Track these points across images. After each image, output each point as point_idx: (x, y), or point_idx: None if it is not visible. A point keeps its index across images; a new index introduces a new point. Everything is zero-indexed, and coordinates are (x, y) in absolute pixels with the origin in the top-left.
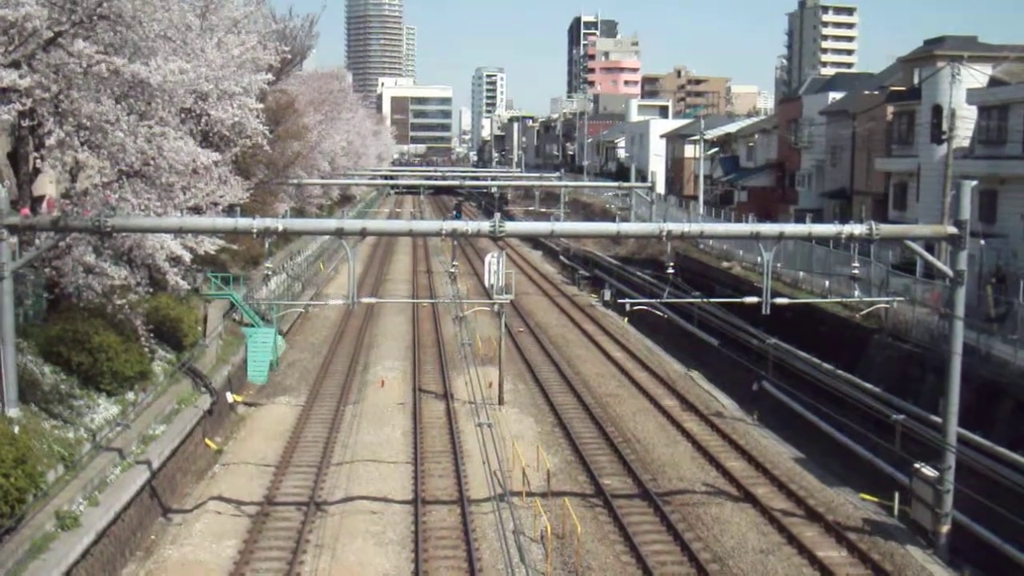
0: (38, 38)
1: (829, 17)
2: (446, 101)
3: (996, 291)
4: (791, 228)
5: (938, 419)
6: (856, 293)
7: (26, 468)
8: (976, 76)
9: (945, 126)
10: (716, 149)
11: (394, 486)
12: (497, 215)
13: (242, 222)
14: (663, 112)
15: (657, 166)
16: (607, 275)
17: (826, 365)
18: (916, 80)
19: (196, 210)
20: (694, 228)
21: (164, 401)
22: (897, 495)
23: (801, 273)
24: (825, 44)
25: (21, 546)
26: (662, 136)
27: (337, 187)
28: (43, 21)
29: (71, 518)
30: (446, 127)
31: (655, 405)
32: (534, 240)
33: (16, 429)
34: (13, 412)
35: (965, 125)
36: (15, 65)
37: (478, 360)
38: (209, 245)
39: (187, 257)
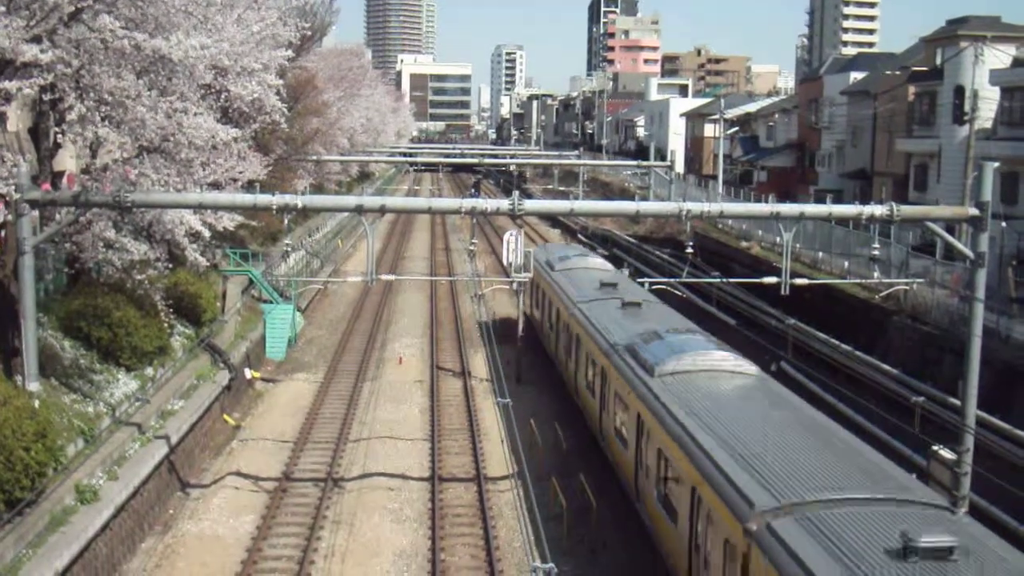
0: (59, 12)
1: None
2: (465, 79)
3: (1016, 273)
4: (811, 209)
5: (957, 401)
6: (876, 274)
7: (46, 442)
8: (999, 57)
9: (967, 107)
10: (736, 129)
11: (411, 463)
12: (516, 193)
13: (261, 198)
14: (683, 91)
15: (676, 145)
16: (625, 254)
17: (845, 346)
18: (938, 60)
19: (215, 186)
20: (713, 208)
21: (183, 376)
22: (915, 477)
23: (820, 254)
24: (847, 23)
25: (41, 519)
26: (682, 115)
27: (356, 164)
28: None
29: (91, 492)
30: (465, 104)
31: None
32: (552, 219)
33: (36, 403)
34: (33, 386)
35: (987, 106)
36: (36, 40)
37: (496, 338)
38: (228, 221)
39: (206, 233)
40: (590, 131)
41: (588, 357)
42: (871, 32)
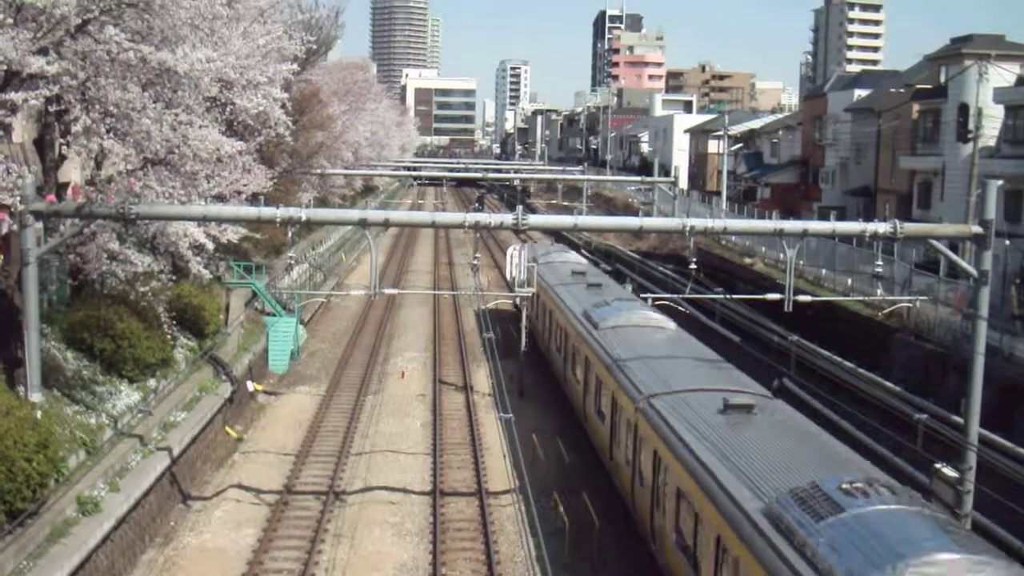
0: (66, 24)
1: (855, 14)
2: (470, 93)
3: (1020, 291)
4: (815, 225)
5: (959, 419)
6: (879, 292)
7: (48, 453)
8: (1003, 75)
9: (971, 125)
10: (740, 145)
11: (413, 477)
12: (519, 208)
13: (265, 211)
14: (687, 107)
15: (680, 161)
16: (629, 269)
17: (848, 363)
18: (943, 78)
19: (220, 198)
20: (717, 224)
21: (185, 388)
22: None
23: (824, 271)
24: (851, 41)
25: (42, 531)
26: (686, 131)
27: (360, 177)
28: (72, 8)
29: (92, 503)
30: (469, 119)
31: None
32: (556, 234)
33: (39, 414)
34: (36, 397)
35: (991, 124)
36: (43, 52)
37: (499, 353)
38: (232, 234)
39: (210, 245)
40: (594, 146)
41: (558, 324)
42: (875, 50)
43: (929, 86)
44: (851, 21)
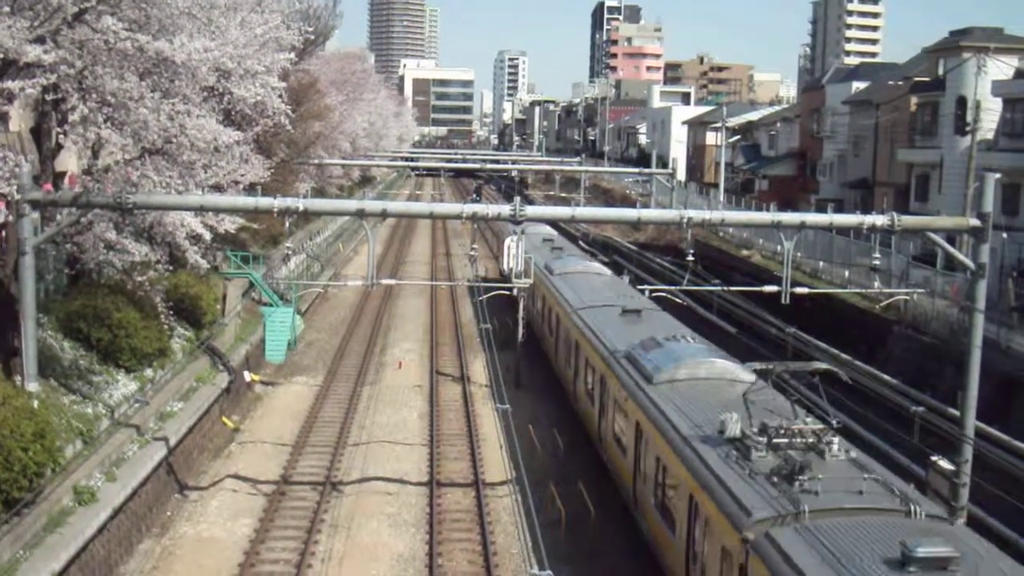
0: (63, 13)
1: (854, 6)
2: (468, 84)
3: (1017, 285)
4: (812, 217)
5: (956, 412)
6: (876, 284)
7: (45, 443)
8: (1002, 68)
9: (969, 118)
10: (738, 137)
11: (410, 468)
12: (517, 199)
13: (263, 201)
14: (685, 99)
15: (678, 153)
16: (626, 261)
17: (844, 356)
18: (941, 71)
19: (217, 188)
20: (715, 216)
21: (182, 378)
22: (913, 487)
23: (821, 263)
24: (849, 33)
25: (39, 520)
26: (684, 123)
27: (358, 168)
28: None
29: (88, 493)
30: (467, 110)
31: None
32: (553, 225)
33: (35, 404)
34: (33, 387)
35: (990, 117)
36: (40, 40)
37: (496, 343)
38: (229, 224)
39: (207, 235)
40: (592, 138)
41: (537, 282)
42: (874, 42)
43: (927, 79)
44: (850, 13)
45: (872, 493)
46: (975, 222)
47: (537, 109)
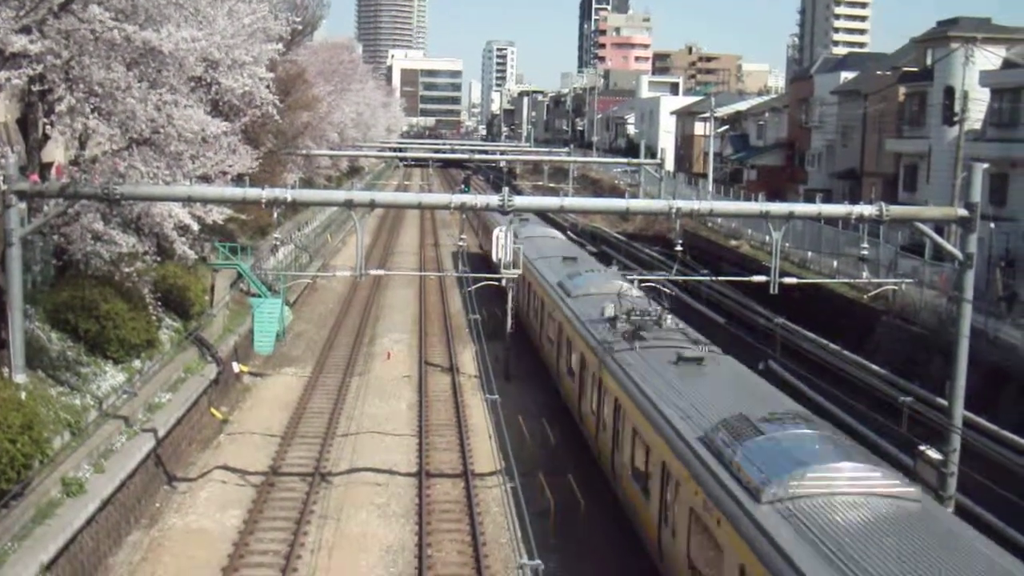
0: (49, 3)
1: None
2: (456, 74)
3: (1005, 275)
4: (801, 208)
5: (944, 402)
6: (864, 274)
7: (32, 434)
8: (989, 58)
9: (957, 108)
10: (726, 127)
11: (399, 458)
12: (506, 189)
13: (251, 192)
14: (674, 89)
15: (667, 143)
16: (615, 251)
17: (833, 346)
18: (929, 61)
19: (205, 179)
20: (703, 206)
21: (170, 370)
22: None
23: (810, 253)
24: (838, 23)
25: (27, 512)
26: (672, 113)
27: (346, 158)
28: None
29: (77, 485)
30: (456, 100)
31: None
32: (542, 215)
33: (23, 395)
34: (20, 378)
35: (977, 107)
36: (26, 30)
37: (484, 334)
38: (217, 214)
39: (195, 226)
40: (581, 128)
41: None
42: (862, 32)
43: (915, 69)
44: (838, 3)
45: (678, 339)
46: (963, 212)
47: (525, 99)
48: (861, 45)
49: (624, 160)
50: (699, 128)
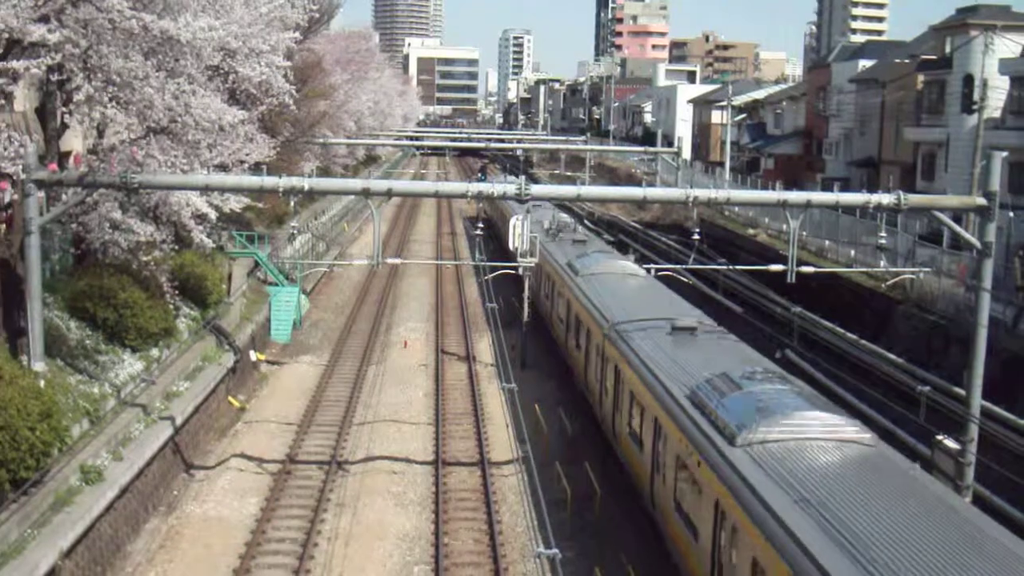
0: None
1: None
2: (473, 63)
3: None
4: (819, 196)
5: (962, 391)
6: (882, 263)
7: (51, 422)
8: (1009, 46)
9: (976, 96)
10: (743, 116)
11: (415, 447)
12: (522, 177)
13: (268, 181)
14: (690, 77)
15: (684, 131)
16: (631, 240)
17: (850, 335)
18: (948, 49)
19: (222, 168)
20: (721, 195)
21: (188, 358)
22: (919, 466)
23: (827, 242)
24: (856, 11)
25: (46, 499)
26: (689, 101)
27: (363, 147)
28: None
29: (95, 472)
30: (472, 89)
31: None
32: (558, 204)
33: (42, 383)
34: (39, 366)
35: (996, 95)
36: (44, 19)
37: (501, 323)
38: (234, 203)
39: (212, 215)
40: (597, 116)
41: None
42: (880, 20)
43: (934, 57)
44: None
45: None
46: (981, 201)
47: (542, 88)
48: (879, 33)
49: (641, 148)
50: (716, 116)
